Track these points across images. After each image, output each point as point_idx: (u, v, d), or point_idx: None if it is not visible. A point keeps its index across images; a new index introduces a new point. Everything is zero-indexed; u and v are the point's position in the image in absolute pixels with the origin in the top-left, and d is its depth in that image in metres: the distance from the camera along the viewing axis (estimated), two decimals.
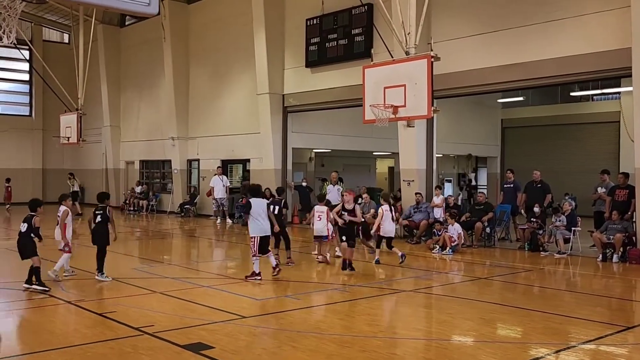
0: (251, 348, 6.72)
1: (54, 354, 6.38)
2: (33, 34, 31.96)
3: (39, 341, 6.97)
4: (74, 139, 24.85)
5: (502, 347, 6.91)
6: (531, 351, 6.75)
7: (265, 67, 21.73)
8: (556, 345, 6.83)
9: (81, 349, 6.54)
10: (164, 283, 10.51)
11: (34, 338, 7.14)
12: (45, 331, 7.50)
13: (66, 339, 7.08)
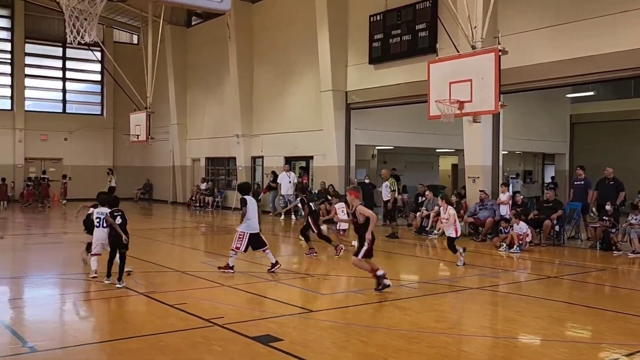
0: (320, 341, 6.78)
1: (130, 342, 6.63)
2: (104, 36, 33.14)
3: (116, 330, 7.26)
4: (143, 137, 25.64)
5: (575, 346, 6.72)
6: (606, 352, 6.54)
7: (328, 64, 21.82)
8: (634, 347, 6.59)
9: (155, 338, 6.77)
10: (232, 276, 10.73)
11: (111, 327, 7.44)
12: (122, 321, 7.81)
13: (141, 328, 7.33)
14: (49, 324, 7.77)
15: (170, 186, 32.29)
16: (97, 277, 9.88)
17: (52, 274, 11.31)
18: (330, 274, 10.64)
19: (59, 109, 34.02)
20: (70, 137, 33.39)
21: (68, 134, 33.30)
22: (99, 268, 9.94)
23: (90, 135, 33.99)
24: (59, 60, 33.93)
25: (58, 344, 6.70)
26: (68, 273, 10.45)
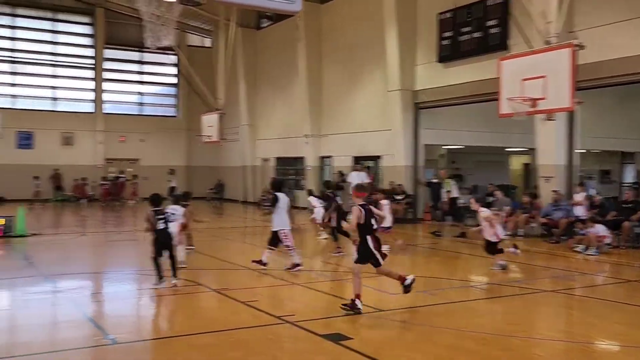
0: (389, 341, 6.80)
1: (205, 337, 6.85)
2: (179, 40, 34.17)
3: (190, 325, 7.51)
4: (215, 138, 26.34)
5: None
6: None
7: (396, 63, 21.72)
8: None
9: (228, 334, 6.98)
10: (301, 275, 10.87)
11: (187, 322, 7.70)
12: (195, 316, 8.07)
13: (214, 324, 7.56)
14: (128, 318, 8.14)
15: (240, 186, 32.93)
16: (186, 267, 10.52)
17: (129, 269, 11.79)
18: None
19: (136, 111, 35.39)
20: (147, 138, 34.65)
21: (144, 135, 34.58)
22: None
23: (165, 136, 35.15)
24: (136, 65, 35.29)
25: (137, 337, 7.01)
26: (144, 269, 10.84)
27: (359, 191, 8.40)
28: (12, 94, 32.05)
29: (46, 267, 11.75)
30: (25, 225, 15.93)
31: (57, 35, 33.33)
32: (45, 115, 32.30)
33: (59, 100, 33.21)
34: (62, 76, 33.25)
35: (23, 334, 7.18)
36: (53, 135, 32.31)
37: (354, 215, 8.02)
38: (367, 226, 8.02)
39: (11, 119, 29.14)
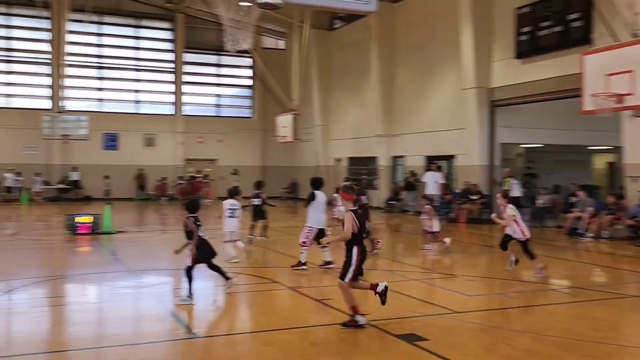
0: (465, 343, 6.70)
1: (282, 334, 6.98)
2: (255, 43, 34.86)
3: (267, 321, 7.67)
4: (290, 138, 26.71)
5: None
6: None
7: (471, 61, 21.32)
8: None
9: (304, 331, 7.08)
10: (375, 274, 10.86)
11: (263, 319, 7.87)
12: (272, 313, 8.23)
13: (291, 321, 7.68)
14: (206, 313, 8.40)
15: None
16: (238, 262, 11.00)
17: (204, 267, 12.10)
18: (475, 275, 10.43)
19: (214, 113, 36.38)
20: (224, 139, 35.55)
21: (222, 136, 35.50)
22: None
23: (241, 137, 35.94)
24: (214, 67, 36.28)
25: (217, 332, 7.24)
26: (222, 266, 11.11)
27: (348, 193, 7.33)
28: (98, 98, 33.65)
29: (131, 262, 12.28)
30: (111, 223, 16.71)
31: (139, 41, 34.73)
32: (128, 117, 33.74)
33: (141, 103, 34.60)
34: (144, 80, 34.63)
35: (109, 326, 7.54)
36: (136, 137, 33.70)
37: (347, 222, 7.05)
38: (359, 235, 7.11)
39: (98, 122, 30.60)
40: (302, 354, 6.21)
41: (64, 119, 27.25)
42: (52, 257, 13.73)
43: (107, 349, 6.50)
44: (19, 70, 32.20)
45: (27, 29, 32.01)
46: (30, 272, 11.15)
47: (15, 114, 31.21)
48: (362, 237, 7.19)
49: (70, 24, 26.85)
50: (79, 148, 31.05)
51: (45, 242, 16.10)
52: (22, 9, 31.63)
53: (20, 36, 32.17)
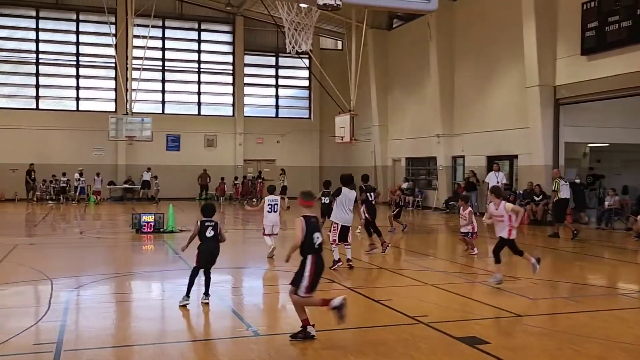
0: (529, 347, 6.55)
1: (341, 334, 7.00)
2: (312, 44, 35.06)
3: (327, 321, 7.67)
4: (347, 139, 26.64)
5: None
6: None
7: (534, 58, 20.79)
8: None
9: (363, 332, 7.08)
10: (434, 276, 10.77)
11: (322, 318, 7.86)
12: (331, 312, 8.24)
13: (349, 321, 7.66)
14: (267, 311, 8.51)
15: (373, 186, 33.08)
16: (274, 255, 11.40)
17: (265, 265, 12.28)
18: (539, 278, 10.14)
19: (272, 114, 36.79)
20: (282, 139, 35.91)
21: (280, 137, 35.87)
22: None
23: (299, 137, 36.23)
24: (272, 69, 36.69)
25: (277, 330, 7.32)
26: (280, 266, 11.24)
27: (305, 199, 6.93)
28: (162, 100, 34.57)
29: (193, 261, 12.54)
30: (174, 222, 17.15)
31: (201, 44, 35.49)
32: (190, 119, 34.54)
33: (202, 105, 35.35)
34: (205, 82, 35.36)
35: (173, 323, 7.74)
36: (197, 138, 34.46)
37: (296, 228, 6.59)
38: (310, 244, 6.58)
39: (161, 123, 31.45)
40: (362, 354, 6.21)
41: (129, 121, 28.00)
42: (118, 255, 14.19)
43: (170, 345, 6.68)
44: (86, 75, 33.48)
45: (94, 35, 33.25)
46: (98, 269, 11.57)
47: (83, 116, 32.47)
48: (315, 246, 6.58)
49: (135, 28, 27.65)
50: (143, 149, 32.02)
51: (112, 240, 16.67)
52: (89, 15, 32.89)
53: (88, 41, 33.44)
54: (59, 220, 22.89)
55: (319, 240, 6.61)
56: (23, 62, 32.50)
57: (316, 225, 6.64)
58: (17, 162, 31.07)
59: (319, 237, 6.63)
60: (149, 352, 6.36)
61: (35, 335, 6.93)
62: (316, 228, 6.62)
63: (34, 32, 32.62)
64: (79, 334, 7.00)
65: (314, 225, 6.63)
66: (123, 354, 6.32)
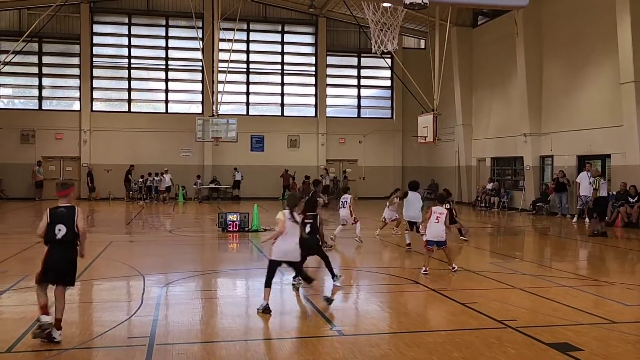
0: (625, 355, 6.23)
1: (426, 336, 6.92)
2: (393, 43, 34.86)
3: (411, 322, 7.64)
4: (430, 138, 26.33)
5: None
6: None
7: (629, 53, 19.75)
8: None
9: (449, 334, 6.96)
10: (522, 279, 10.46)
11: (407, 319, 7.85)
12: (415, 314, 8.19)
13: (435, 323, 7.60)
14: (350, 311, 8.53)
15: (455, 186, 32.54)
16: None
17: (348, 265, 12.32)
18: (634, 283, 9.65)
19: (355, 114, 36.84)
20: (364, 140, 35.91)
21: (362, 137, 35.89)
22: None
23: (381, 137, 36.11)
24: (354, 69, 36.76)
25: (361, 330, 7.33)
26: (364, 266, 11.28)
27: (59, 190, 6.94)
28: (246, 101, 35.39)
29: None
30: (259, 221, 17.51)
31: (284, 46, 36.05)
32: (274, 120, 35.17)
33: (285, 106, 35.89)
34: (288, 84, 35.89)
35: (257, 320, 7.89)
36: (281, 139, 35.03)
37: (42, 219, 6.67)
38: (50, 234, 6.60)
39: (246, 125, 32.23)
40: (447, 357, 6.12)
41: (215, 123, 28.92)
42: (205, 253, 14.66)
43: (255, 342, 6.83)
44: (175, 78, 34.80)
45: (182, 39, 34.51)
46: (186, 266, 11.99)
47: (172, 118, 33.76)
48: (56, 238, 6.57)
49: (221, 32, 28.50)
50: (228, 150, 32.91)
51: (199, 239, 17.23)
52: (178, 20, 34.17)
53: (176, 46, 34.74)
54: (149, 218, 23.89)
55: (61, 234, 6.58)
56: (117, 67, 34.18)
57: (63, 217, 6.65)
58: (110, 163, 32.74)
59: (61, 230, 6.59)
60: (236, 349, 6.53)
61: (129, 328, 7.27)
62: (62, 219, 6.63)
63: (127, 38, 34.23)
64: (170, 329, 7.25)
65: (60, 215, 6.65)
66: (211, 349, 6.52)
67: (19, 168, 31.75)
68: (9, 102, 33.81)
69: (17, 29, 31.82)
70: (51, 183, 32.09)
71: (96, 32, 33.82)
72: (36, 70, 33.40)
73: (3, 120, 28.91)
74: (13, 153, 31.91)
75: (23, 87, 34.01)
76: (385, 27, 9.49)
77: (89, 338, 6.78)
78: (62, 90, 34.28)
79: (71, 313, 8.17)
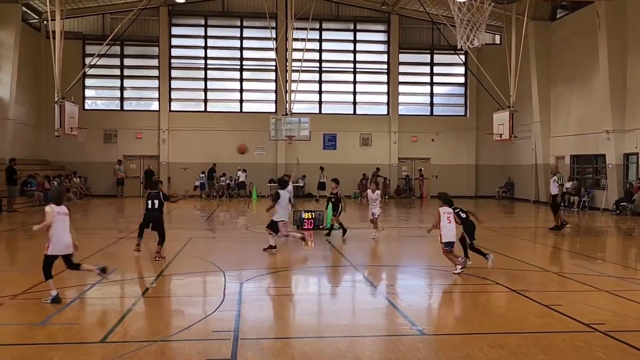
0: None
1: (510, 337, 6.78)
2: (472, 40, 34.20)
3: (492, 323, 7.50)
4: (506, 136, 25.75)
5: None
6: None
7: None
8: None
9: (533, 337, 6.79)
10: (607, 281, 10.07)
11: (488, 320, 7.70)
12: (497, 315, 8.02)
13: (518, 324, 7.42)
14: (431, 311, 8.47)
15: (532, 185, 31.63)
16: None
17: (424, 264, 12.20)
18: None
19: (427, 112, 36.40)
20: (437, 137, 35.44)
21: (435, 135, 35.43)
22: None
23: (454, 135, 35.52)
24: (427, 67, 36.32)
25: (442, 330, 7.25)
26: (439, 265, 11.12)
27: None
28: (318, 100, 35.62)
29: (354, 257, 12.84)
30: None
31: (356, 44, 36.04)
32: (346, 118, 35.22)
33: (358, 104, 35.89)
34: (360, 82, 35.87)
35: (336, 317, 7.94)
36: (353, 137, 35.07)
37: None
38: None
39: (318, 123, 32.44)
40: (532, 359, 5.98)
41: (288, 121, 29.28)
42: (280, 250, 14.84)
43: (336, 339, 6.88)
44: (249, 78, 35.46)
45: (256, 39, 35.11)
46: (263, 262, 12.20)
47: (246, 117, 34.42)
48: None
49: (294, 31, 28.84)
50: (301, 148, 33.19)
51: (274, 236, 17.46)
52: (252, 21, 34.79)
53: (250, 46, 35.38)
54: (225, 215, 24.46)
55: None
56: (193, 68, 35.15)
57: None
58: (187, 162, 33.72)
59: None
60: (318, 345, 6.60)
61: (213, 323, 7.47)
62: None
63: (203, 39, 35.14)
64: (252, 324, 7.39)
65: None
66: (293, 345, 6.62)
67: (102, 166, 33.20)
68: (92, 103, 35.38)
69: (100, 33, 33.28)
70: (131, 180, 33.52)
71: (174, 34, 34.89)
72: (118, 72, 34.81)
73: (88, 121, 30.27)
74: (97, 152, 33.38)
75: (106, 88, 35.53)
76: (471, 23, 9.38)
77: (175, 331, 7.02)
78: (142, 91, 35.60)
79: (157, 307, 8.51)
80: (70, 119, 25.29)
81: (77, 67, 30.49)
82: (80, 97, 32.61)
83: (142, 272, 11.25)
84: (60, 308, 7.99)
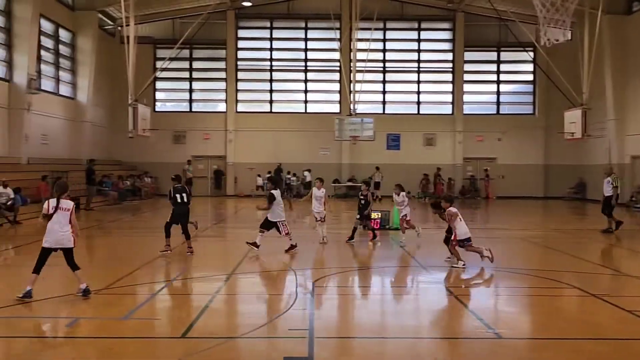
0: None
1: (593, 344, 6.58)
2: (538, 35, 33.30)
3: (573, 329, 7.28)
4: (578, 135, 24.94)
5: None
6: None
7: None
8: None
9: (617, 344, 6.60)
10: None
11: (568, 325, 7.48)
12: (578, 320, 7.78)
13: (598, 330, 7.19)
14: (509, 314, 8.28)
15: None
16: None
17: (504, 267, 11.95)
18: None
19: (493, 111, 35.67)
20: (503, 137, 34.69)
21: (501, 134, 34.68)
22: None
23: (521, 134, 34.70)
24: (493, 64, 35.59)
25: (519, 334, 7.09)
26: (520, 268, 10.90)
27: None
28: (382, 100, 35.50)
29: (421, 258, 12.75)
30: (399, 219, 17.47)
31: (421, 43, 35.71)
32: (410, 118, 34.96)
33: (422, 104, 35.55)
34: (424, 81, 35.52)
35: (408, 317, 7.91)
36: (417, 137, 34.77)
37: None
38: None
39: (382, 123, 32.32)
40: None
41: (352, 122, 29.31)
42: (348, 250, 14.89)
43: (412, 340, 6.86)
44: (313, 79, 35.71)
45: (320, 40, 35.32)
46: (332, 262, 12.28)
47: (311, 118, 34.68)
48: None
49: (358, 32, 28.84)
50: (365, 148, 33.21)
51: (342, 236, 17.51)
52: (316, 23, 35.00)
53: (315, 47, 35.62)
54: (292, 215, 24.67)
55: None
56: (259, 70, 35.69)
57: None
58: (253, 162, 34.27)
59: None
60: (391, 346, 6.60)
61: (288, 320, 7.57)
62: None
63: (269, 41, 35.63)
64: (326, 323, 7.46)
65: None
66: (367, 345, 6.63)
67: (171, 167, 34.09)
68: (162, 105, 36.43)
69: (170, 37, 34.25)
70: (200, 180, 34.36)
71: (240, 37, 35.54)
72: (187, 75, 35.74)
73: (158, 123, 31.18)
74: (167, 153, 34.38)
75: (176, 91, 36.55)
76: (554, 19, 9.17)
77: (251, 329, 7.15)
78: (210, 92, 36.43)
79: (232, 304, 8.72)
80: (143, 120, 26.14)
81: (149, 71, 31.53)
82: (151, 99, 33.67)
83: (214, 270, 11.50)
84: (140, 304, 8.30)
